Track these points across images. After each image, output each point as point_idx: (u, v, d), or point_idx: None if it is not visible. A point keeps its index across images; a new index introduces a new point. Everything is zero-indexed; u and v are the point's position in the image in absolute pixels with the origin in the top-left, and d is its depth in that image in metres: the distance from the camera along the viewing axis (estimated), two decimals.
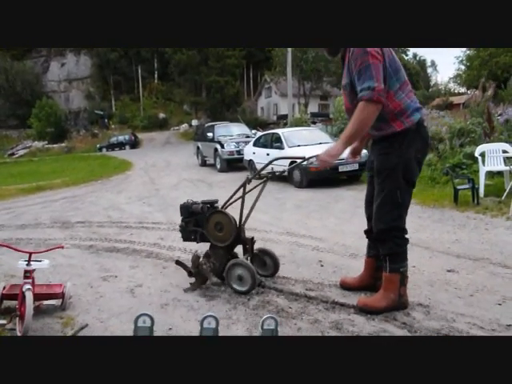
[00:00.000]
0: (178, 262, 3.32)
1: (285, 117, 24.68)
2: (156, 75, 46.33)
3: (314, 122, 22.22)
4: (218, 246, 3.11)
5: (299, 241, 4.41)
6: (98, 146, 33.59)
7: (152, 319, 2.06)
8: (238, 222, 3.09)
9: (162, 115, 41.80)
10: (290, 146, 9.27)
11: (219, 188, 9.48)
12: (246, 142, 12.17)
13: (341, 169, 8.18)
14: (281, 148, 9.44)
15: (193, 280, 3.15)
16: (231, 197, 3.16)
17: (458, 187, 5.77)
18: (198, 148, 15.32)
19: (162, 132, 37.75)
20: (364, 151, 3.54)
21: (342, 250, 3.98)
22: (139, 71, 45.02)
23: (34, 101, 39.77)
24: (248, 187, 3.16)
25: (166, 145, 30.66)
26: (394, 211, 2.48)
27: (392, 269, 2.52)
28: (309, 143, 9.27)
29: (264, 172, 3.28)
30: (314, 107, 33.29)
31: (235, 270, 2.98)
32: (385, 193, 2.48)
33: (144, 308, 2.85)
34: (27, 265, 2.63)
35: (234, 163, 12.66)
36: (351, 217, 5.49)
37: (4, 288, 2.91)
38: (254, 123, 30.87)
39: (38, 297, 2.77)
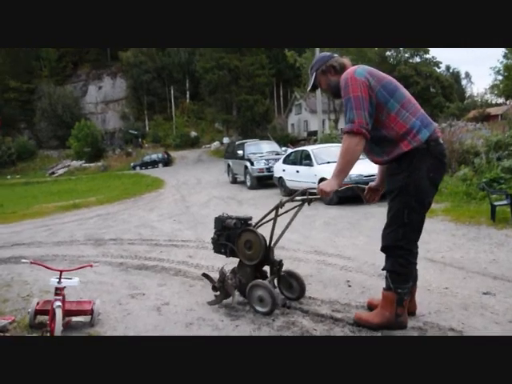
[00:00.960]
0: (205, 275, 3.37)
1: (315, 133, 24.67)
2: (188, 95, 47.62)
3: None
4: (246, 263, 3.10)
5: (327, 260, 4.35)
6: (132, 164, 34.64)
7: None
8: (267, 243, 3.07)
9: (193, 133, 42.75)
10: (320, 163, 9.23)
11: (249, 205, 9.52)
12: (276, 160, 12.21)
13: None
14: (310, 165, 9.41)
15: (217, 294, 3.18)
16: (264, 217, 3.16)
17: (496, 203, 5.54)
18: (229, 165, 15.50)
19: (194, 150, 38.53)
20: None
21: (370, 270, 3.88)
22: (172, 91, 46.43)
23: (73, 122, 41.70)
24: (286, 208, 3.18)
25: (198, 162, 31.22)
26: (399, 230, 2.44)
27: (389, 287, 2.51)
28: None
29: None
30: (344, 123, 33.03)
31: (256, 290, 2.97)
32: (392, 212, 2.48)
33: (169, 327, 2.88)
34: (58, 282, 2.72)
35: (264, 180, 12.72)
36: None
37: (38, 304, 3.02)
38: (285, 140, 31.04)
39: (67, 313, 2.86)
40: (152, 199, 12.71)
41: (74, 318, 2.97)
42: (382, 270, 2.59)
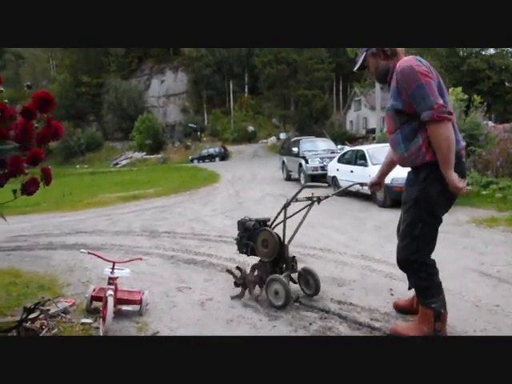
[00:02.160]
0: (229, 271, 3.69)
1: (374, 131, 24.01)
2: (246, 89, 48.16)
3: None
4: (264, 260, 3.40)
5: (373, 265, 4.31)
6: (189, 157, 35.77)
7: None
8: (281, 241, 3.36)
9: (251, 128, 43.23)
10: (375, 164, 9.01)
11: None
12: (331, 158, 12.11)
13: None
14: (365, 165, 9.24)
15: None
16: (276, 217, 3.48)
17: None
18: (283, 162, 15.58)
19: (251, 145, 38.98)
20: None
21: None
22: (231, 86, 47.22)
23: (136, 115, 43.87)
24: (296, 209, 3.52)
25: (254, 157, 31.57)
26: (413, 244, 2.43)
27: (422, 303, 2.49)
28: None
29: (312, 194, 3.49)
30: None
31: (273, 285, 3.25)
32: (406, 223, 2.48)
33: (211, 322, 3.05)
34: (111, 273, 2.98)
35: (318, 179, 12.66)
36: None
37: (94, 290, 3.32)
38: (343, 137, 30.50)
39: (119, 301, 3.12)
40: (207, 193, 13.11)
41: (124, 307, 3.22)
42: (409, 289, 2.67)
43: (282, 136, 35.02)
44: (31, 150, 2.06)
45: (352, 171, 9.74)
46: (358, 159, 9.78)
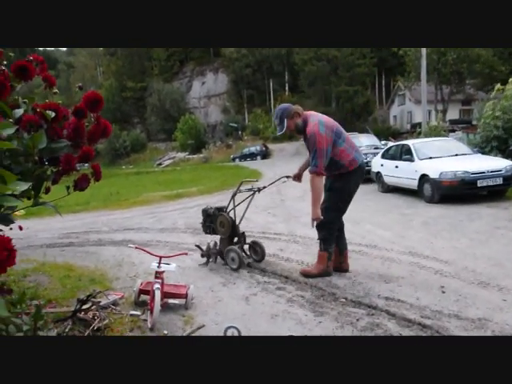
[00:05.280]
0: (197, 246, 4.71)
1: (419, 125, 23.20)
2: (287, 87, 47.96)
3: (454, 130, 20.42)
4: (222, 237, 4.56)
5: (421, 262, 4.15)
6: (231, 156, 36.12)
7: (239, 331, 2.20)
8: (234, 222, 4.51)
9: None
10: (421, 159, 8.70)
11: None
12: (375, 154, 11.81)
13: (480, 183, 7.37)
14: (411, 160, 8.92)
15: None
16: (228, 204, 4.61)
17: None
18: None
19: (292, 143, 38.72)
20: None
21: (469, 277, 3.62)
22: (271, 84, 47.18)
23: (178, 117, 44.88)
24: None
25: (295, 155, 31.36)
26: (332, 214, 3.79)
27: (322, 249, 3.86)
28: (443, 155, 8.59)
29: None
30: (454, 113, 30.55)
31: (230, 253, 4.36)
32: (332, 201, 3.82)
33: (255, 317, 3.04)
34: (158, 267, 3.05)
35: None
36: (487, 238, 4.92)
37: (141, 284, 3.42)
38: (386, 133, 29.71)
39: (165, 295, 3.19)
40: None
41: (171, 300, 3.29)
42: (318, 239, 3.92)
43: None
44: (82, 148, 2.15)
45: (397, 166, 9.45)
46: (404, 154, 9.46)
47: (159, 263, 3.07)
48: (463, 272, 3.78)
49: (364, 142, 14.00)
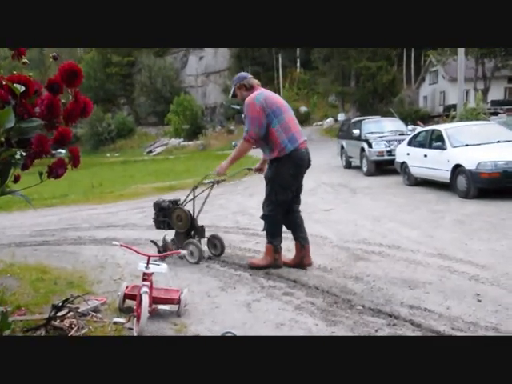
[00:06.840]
0: (153, 241, 4.92)
1: (454, 107, 23.04)
2: (298, 63, 47.78)
3: (497, 113, 20.26)
4: (179, 231, 4.83)
5: (453, 266, 4.15)
6: (233, 143, 36.01)
7: None
8: (192, 216, 4.82)
9: (303, 108, 42.86)
10: (455, 146, 8.66)
11: (364, 195, 9.35)
12: (400, 141, 11.76)
13: None
14: (442, 148, 8.88)
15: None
16: (186, 197, 4.97)
17: None
18: (342, 147, 15.35)
19: (304, 128, 38.41)
20: None
21: (511, 284, 3.61)
22: (280, 60, 46.97)
23: (172, 97, 44.91)
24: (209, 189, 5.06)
25: (308, 142, 31.35)
26: (271, 205, 4.23)
27: (268, 242, 4.33)
28: (482, 142, 8.53)
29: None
30: (497, 93, 30.29)
31: (189, 247, 4.64)
32: (267, 192, 4.27)
33: (258, 326, 3.06)
34: (146, 268, 3.07)
35: (384, 165, 12.36)
36: None
37: (127, 288, 3.45)
38: (414, 116, 29.53)
39: (154, 300, 3.21)
40: (253, 183, 13.16)
41: (161, 306, 3.31)
42: (262, 231, 4.47)
43: (341, 117, 34.43)
44: (58, 128, 2.14)
45: (426, 156, 9.41)
46: (434, 141, 9.42)
47: (147, 263, 3.09)
48: (503, 278, 3.76)
49: (387, 127, 13.89)
